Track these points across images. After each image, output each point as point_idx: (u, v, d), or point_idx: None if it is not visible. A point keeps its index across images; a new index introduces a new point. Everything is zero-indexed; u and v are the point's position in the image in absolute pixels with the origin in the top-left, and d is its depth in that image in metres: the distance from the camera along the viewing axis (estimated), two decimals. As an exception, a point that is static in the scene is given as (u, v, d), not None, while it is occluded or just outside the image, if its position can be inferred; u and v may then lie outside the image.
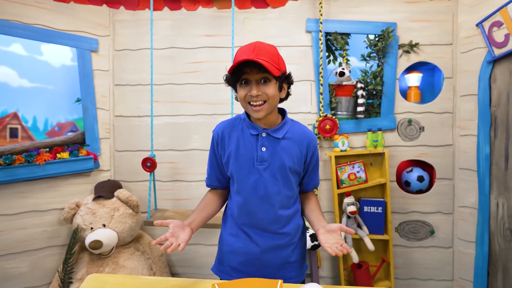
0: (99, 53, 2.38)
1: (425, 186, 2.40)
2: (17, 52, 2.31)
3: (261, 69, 1.08)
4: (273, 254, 1.22)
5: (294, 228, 1.25)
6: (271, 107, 1.14)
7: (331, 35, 2.35)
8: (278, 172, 1.17)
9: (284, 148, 1.18)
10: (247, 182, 1.18)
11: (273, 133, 1.18)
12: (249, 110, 1.14)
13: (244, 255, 1.22)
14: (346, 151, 2.29)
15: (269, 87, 1.11)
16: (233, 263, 1.25)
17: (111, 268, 2.07)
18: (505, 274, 2.04)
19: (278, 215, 1.20)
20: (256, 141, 1.18)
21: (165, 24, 2.41)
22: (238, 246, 1.24)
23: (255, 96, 1.10)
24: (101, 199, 2.20)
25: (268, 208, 1.19)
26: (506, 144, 2.02)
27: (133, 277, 1.17)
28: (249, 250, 1.22)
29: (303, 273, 1.30)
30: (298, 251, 1.28)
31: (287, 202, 1.21)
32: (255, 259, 1.21)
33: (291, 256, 1.24)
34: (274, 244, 1.21)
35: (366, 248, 2.26)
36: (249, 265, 1.22)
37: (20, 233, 2.12)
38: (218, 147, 1.25)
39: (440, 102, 2.35)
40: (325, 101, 2.34)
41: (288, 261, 1.24)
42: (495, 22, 2.02)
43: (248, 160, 1.18)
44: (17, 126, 2.37)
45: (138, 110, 2.43)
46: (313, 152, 1.24)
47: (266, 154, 1.17)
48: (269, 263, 1.22)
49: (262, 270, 1.21)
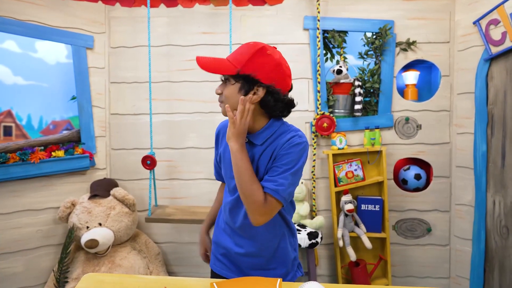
0: (95, 50, 2.35)
1: (422, 184, 2.40)
2: (11, 49, 2.27)
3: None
4: (249, 259, 1.17)
5: (270, 238, 1.16)
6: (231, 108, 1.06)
7: (329, 32, 2.34)
8: None
9: (261, 157, 1.09)
10: (229, 185, 1.18)
11: (251, 138, 1.11)
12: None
13: (224, 249, 1.22)
14: (344, 149, 2.29)
15: (228, 88, 1.08)
16: (216, 253, 1.26)
17: (107, 267, 2.05)
18: (501, 271, 2.05)
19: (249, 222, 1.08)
20: None
21: (161, 21, 2.39)
22: (221, 238, 1.24)
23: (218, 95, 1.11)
24: (97, 198, 2.18)
25: (241, 212, 1.13)
26: (502, 142, 2.03)
27: (130, 276, 1.16)
28: (228, 246, 1.20)
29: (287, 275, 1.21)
30: (277, 259, 1.18)
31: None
32: (233, 257, 1.19)
33: (268, 264, 1.17)
34: (248, 250, 1.15)
35: (363, 246, 2.26)
36: (229, 260, 1.21)
37: (14, 232, 2.09)
38: (217, 144, 1.26)
39: (437, 100, 2.35)
40: (322, 99, 2.33)
41: (266, 268, 1.17)
42: (492, 20, 2.02)
43: (230, 164, 1.10)
44: (11, 124, 2.34)
45: (134, 108, 2.41)
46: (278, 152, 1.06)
47: None
48: (247, 265, 1.17)
49: (242, 269, 1.18)
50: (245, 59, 1.04)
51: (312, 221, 2.21)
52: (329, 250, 2.43)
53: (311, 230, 2.15)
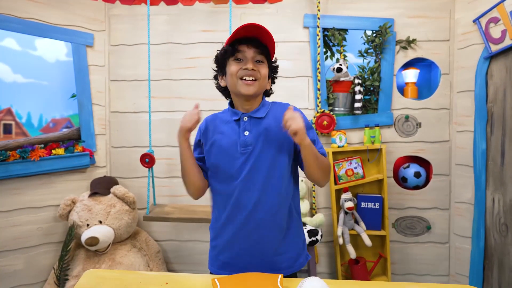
0: (95, 48, 2.35)
1: (422, 182, 2.41)
2: (11, 47, 2.27)
3: (259, 48, 1.12)
4: (260, 245, 1.14)
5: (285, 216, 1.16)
6: (261, 88, 1.15)
7: (329, 30, 2.34)
8: (263, 155, 1.12)
9: (268, 129, 1.14)
10: (231, 170, 1.13)
11: (254, 114, 1.16)
12: (238, 85, 1.12)
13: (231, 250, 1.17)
14: (344, 147, 2.29)
15: (263, 67, 1.14)
16: (220, 257, 1.20)
17: (107, 265, 2.06)
18: (500, 269, 2.05)
19: (264, 201, 1.12)
20: (238, 127, 1.15)
21: (161, 19, 2.38)
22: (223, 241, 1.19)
23: (250, 70, 1.10)
24: (97, 196, 2.18)
25: (254, 194, 1.11)
26: (502, 140, 2.03)
27: (131, 273, 1.16)
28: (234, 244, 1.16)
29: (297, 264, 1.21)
30: (288, 245, 1.18)
31: (274, 186, 1.13)
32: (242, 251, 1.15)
33: (278, 248, 1.15)
34: (260, 234, 1.13)
35: (363, 244, 2.26)
36: (237, 257, 1.16)
37: (14, 230, 2.09)
38: (205, 137, 1.21)
39: (437, 98, 2.35)
40: (322, 97, 2.33)
41: (277, 253, 1.15)
42: (492, 18, 2.02)
43: (232, 147, 1.13)
44: (11, 122, 2.34)
45: (134, 106, 2.41)
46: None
47: (249, 138, 1.13)
48: (258, 253, 1.14)
49: (251, 261, 1.14)
50: (273, 47, 1.15)
51: (312, 218, 2.21)
52: (329, 248, 2.43)
53: (311, 227, 2.16)
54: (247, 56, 1.11)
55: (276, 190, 1.14)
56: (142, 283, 1.06)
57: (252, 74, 1.11)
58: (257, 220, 1.13)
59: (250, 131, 1.14)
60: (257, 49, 1.12)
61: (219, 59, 1.18)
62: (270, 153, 1.13)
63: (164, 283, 1.06)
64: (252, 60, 1.11)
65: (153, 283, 1.06)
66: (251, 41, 1.11)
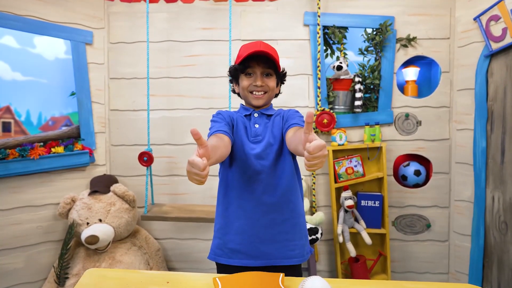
0: (94, 46, 2.34)
1: (422, 180, 2.41)
2: (9, 45, 2.26)
3: (267, 63, 1.24)
4: (269, 229, 1.22)
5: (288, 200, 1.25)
6: (270, 98, 1.31)
7: (329, 28, 2.34)
8: (271, 145, 1.25)
9: (274, 123, 1.28)
10: (244, 157, 1.24)
11: (264, 111, 1.31)
12: (249, 97, 1.28)
13: (239, 234, 1.23)
14: (344, 145, 2.29)
15: (271, 80, 1.28)
16: (229, 244, 1.25)
17: (107, 263, 2.05)
18: (500, 267, 2.06)
19: (273, 184, 1.23)
20: (249, 121, 1.30)
21: (161, 17, 2.37)
22: (233, 226, 1.24)
23: (259, 86, 1.25)
24: (97, 194, 2.18)
25: (263, 177, 1.22)
26: (502, 138, 2.03)
27: (132, 272, 1.16)
28: (244, 227, 1.22)
29: (306, 253, 1.29)
30: (297, 230, 1.27)
31: (281, 171, 1.25)
32: (251, 235, 1.22)
33: (287, 233, 1.24)
34: (268, 218, 1.22)
35: (363, 242, 2.27)
36: (245, 243, 1.22)
37: (14, 228, 2.09)
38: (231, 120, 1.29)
39: (437, 96, 2.35)
40: (322, 95, 2.33)
41: (286, 238, 1.24)
42: (492, 16, 2.02)
43: (244, 137, 1.27)
44: (10, 120, 2.33)
45: (134, 104, 2.40)
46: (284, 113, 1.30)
47: (259, 129, 1.27)
48: (266, 238, 1.22)
49: (260, 249, 1.21)
50: (277, 57, 1.26)
51: (312, 217, 2.21)
52: (329, 246, 2.43)
53: (311, 226, 2.16)
54: (256, 72, 1.25)
55: (284, 175, 1.25)
56: (143, 282, 1.06)
57: (261, 90, 1.26)
58: (267, 205, 1.23)
59: (260, 124, 1.29)
60: (265, 64, 1.24)
61: (232, 72, 1.31)
62: (276, 143, 1.25)
63: (165, 282, 1.06)
64: (261, 76, 1.26)
65: (154, 282, 1.06)
66: (259, 57, 1.23)
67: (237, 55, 1.30)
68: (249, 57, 1.22)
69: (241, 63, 1.24)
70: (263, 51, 1.20)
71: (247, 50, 1.22)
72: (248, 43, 1.27)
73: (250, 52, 1.19)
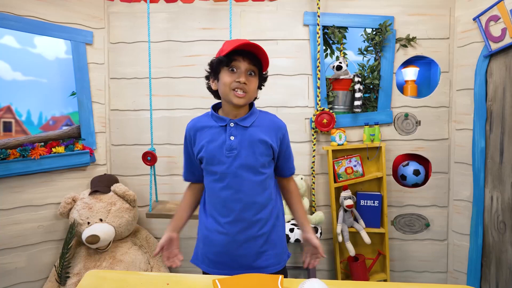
0: (94, 46, 2.34)
1: (421, 180, 2.42)
2: (10, 45, 2.26)
3: (252, 60, 1.18)
4: (248, 243, 1.23)
5: (266, 215, 1.25)
6: (250, 99, 1.23)
7: (329, 28, 2.34)
8: (247, 159, 1.21)
9: (252, 136, 1.22)
10: (218, 172, 1.22)
11: (240, 122, 1.23)
12: (230, 95, 1.19)
13: (219, 247, 1.25)
14: (343, 145, 2.30)
15: (254, 81, 1.21)
16: (209, 254, 1.28)
17: (108, 262, 2.07)
18: (498, 266, 2.07)
19: (250, 202, 1.21)
20: (224, 132, 1.23)
21: (161, 17, 2.38)
22: (212, 238, 1.26)
23: (242, 84, 1.17)
24: (98, 194, 2.19)
25: (240, 195, 1.21)
26: (501, 138, 2.04)
27: (132, 273, 1.17)
28: (223, 242, 1.24)
29: (283, 260, 1.32)
30: (274, 240, 1.28)
31: (258, 188, 1.23)
32: (230, 249, 1.24)
33: (265, 245, 1.25)
34: (247, 233, 1.23)
35: (362, 241, 2.28)
36: (224, 256, 1.25)
37: (15, 228, 2.10)
38: (191, 142, 1.31)
39: (436, 96, 2.36)
40: (322, 95, 2.33)
41: (263, 250, 1.25)
42: (492, 17, 2.02)
43: (218, 150, 1.21)
44: (11, 120, 2.34)
45: (134, 104, 2.41)
46: (282, 138, 1.28)
47: (235, 142, 1.21)
48: (244, 253, 1.24)
49: (237, 260, 1.24)
50: (266, 58, 1.20)
51: (311, 216, 2.23)
52: (328, 245, 2.45)
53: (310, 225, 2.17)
54: (241, 67, 1.18)
55: (259, 191, 1.23)
56: (143, 283, 1.07)
57: (243, 88, 1.17)
58: (244, 221, 1.22)
59: (235, 136, 1.22)
60: (251, 61, 1.18)
61: (214, 65, 1.23)
62: (253, 158, 1.21)
63: (165, 283, 1.07)
64: (245, 73, 1.18)
65: (154, 284, 1.07)
66: (246, 53, 1.17)
67: (221, 49, 1.23)
68: (234, 52, 1.15)
69: (226, 56, 1.17)
70: (253, 45, 1.14)
71: (233, 44, 1.15)
72: (232, 39, 1.23)
73: (239, 44, 1.13)
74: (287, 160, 1.33)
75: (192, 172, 1.37)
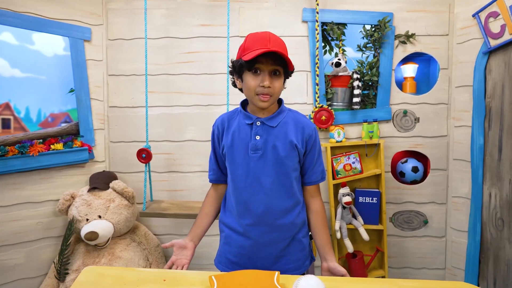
0: (92, 43, 2.34)
1: (420, 177, 2.42)
2: (8, 41, 2.26)
3: (276, 60, 1.12)
4: (268, 247, 1.22)
5: (291, 220, 1.22)
6: (275, 100, 1.19)
7: (327, 25, 2.33)
8: (272, 160, 1.18)
9: (278, 136, 1.18)
10: (241, 171, 1.19)
11: (267, 121, 1.20)
12: (255, 99, 1.16)
13: (238, 248, 1.24)
14: (342, 142, 2.29)
15: (278, 81, 1.16)
16: (228, 254, 1.27)
17: (107, 259, 2.08)
18: (496, 263, 2.07)
19: (273, 206, 1.19)
20: (250, 130, 1.20)
21: (159, 13, 2.37)
22: (233, 238, 1.25)
23: (266, 88, 1.13)
24: (96, 191, 2.20)
25: (262, 198, 1.18)
26: (499, 135, 2.04)
27: (130, 269, 1.17)
28: (243, 243, 1.23)
29: (304, 266, 1.29)
30: (296, 245, 1.26)
31: (282, 192, 1.20)
32: (249, 252, 1.22)
33: (286, 249, 1.23)
34: (268, 237, 1.21)
35: (360, 238, 2.28)
36: (244, 258, 1.23)
37: (14, 224, 2.11)
38: (219, 138, 1.27)
39: (435, 93, 2.35)
40: (321, 91, 2.33)
41: (284, 254, 1.23)
42: (491, 13, 2.01)
43: (243, 149, 1.19)
44: (9, 117, 2.34)
45: (133, 100, 2.41)
46: (309, 140, 1.22)
47: (260, 142, 1.18)
48: (264, 256, 1.22)
49: (257, 263, 1.22)
50: (287, 54, 1.14)
51: (310, 213, 2.23)
52: (326, 242, 2.45)
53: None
54: (264, 69, 1.13)
55: (284, 195, 1.21)
56: (140, 280, 1.08)
57: (267, 92, 1.13)
58: (265, 224, 1.20)
59: (261, 136, 1.19)
60: (274, 62, 1.13)
61: (236, 67, 1.19)
62: (278, 159, 1.18)
63: (161, 280, 1.07)
64: (269, 74, 1.14)
65: (151, 280, 1.08)
66: (269, 53, 1.10)
67: (243, 46, 1.17)
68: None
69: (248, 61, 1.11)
70: (275, 51, 1.08)
71: (256, 45, 1.10)
72: (256, 33, 1.16)
73: (260, 53, 1.08)
74: (313, 164, 1.26)
75: (219, 172, 1.34)
